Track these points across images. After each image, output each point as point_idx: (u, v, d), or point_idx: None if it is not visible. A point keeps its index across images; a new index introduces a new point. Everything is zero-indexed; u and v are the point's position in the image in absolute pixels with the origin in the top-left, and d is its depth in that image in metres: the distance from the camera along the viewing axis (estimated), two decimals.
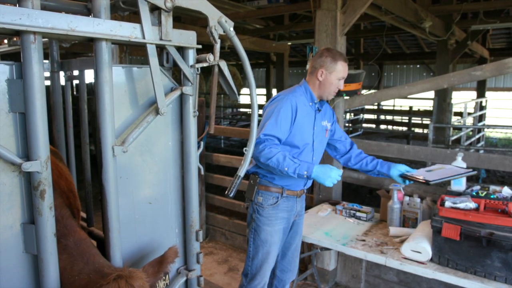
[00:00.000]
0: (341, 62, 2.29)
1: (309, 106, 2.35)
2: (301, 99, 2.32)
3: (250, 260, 2.40)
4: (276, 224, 2.34)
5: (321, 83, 2.32)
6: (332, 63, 2.28)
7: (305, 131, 2.31)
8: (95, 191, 2.15)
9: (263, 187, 2.34)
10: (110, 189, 1.49)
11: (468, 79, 3.10)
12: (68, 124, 2.11)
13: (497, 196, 2.44)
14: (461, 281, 2.18)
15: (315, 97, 2.36)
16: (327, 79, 2.30)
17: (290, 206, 2.38)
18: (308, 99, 2.35)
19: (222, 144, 10.43)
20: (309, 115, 2.34)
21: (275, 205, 2.32)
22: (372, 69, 14.75)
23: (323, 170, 2.11)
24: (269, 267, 2.39)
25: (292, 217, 2.43)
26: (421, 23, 5.57)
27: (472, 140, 9.14)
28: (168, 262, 1.53)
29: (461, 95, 13.88)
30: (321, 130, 2.43)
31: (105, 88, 1.42)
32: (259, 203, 2.35)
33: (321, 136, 2.44)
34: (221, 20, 1.65)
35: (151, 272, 1.48)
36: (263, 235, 2.34)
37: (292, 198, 2.38)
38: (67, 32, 1.25)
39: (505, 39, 11.10)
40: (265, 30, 8.39)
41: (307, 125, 2.33)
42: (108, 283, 1.26)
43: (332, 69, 2.29)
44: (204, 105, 4.15)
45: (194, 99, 1.72)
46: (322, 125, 2.44)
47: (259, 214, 2.35)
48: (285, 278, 2.59)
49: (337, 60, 2.28)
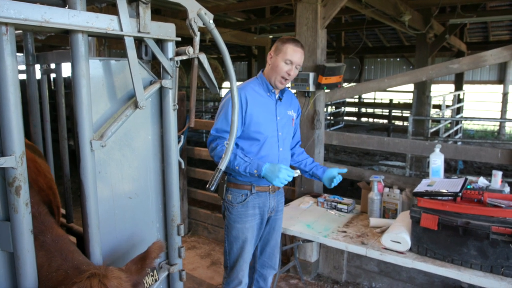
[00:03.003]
0: (289, 45, 2.21)
1: (267, 96, 2.30)
2: (256, 89, 2.28)
3: (227, 255, 2.42)
4: (246, 221, 2.32)
5: (271, 68, 2.27)
6: (280, 45, 2.23)
7: (263, 122, 2.25)
8: (75, 187, 2.11)
9: (232, 185, 2.33)
10: (89, 184, 1.46)
11: (445, 72, 3.16)
12: (45, 118, 2.06)
13: (473, 186, 2.51)
14: (439, 270, 2.23)
15: (271, 86, 2.30)
16: (274, 62, 2.24)
17: (262, 202, 2.35)
18: (265, 89, 2.31)
19: (204, 138, 10.38)
20: (267, 105, 2.29)
21: (244, 203, 2.30)
22: (353, 62, 14.88)
23: (272, 169, 2.09)
24: (245, 262, 2.38)
25: (266, 213, 2.39)
26: (401, 17, 5.63)
27: (450, 132, 9.33)
28: (152, 257, 1.48)
29: (440, 88, 14.13)
30: (286, 120, 2.38)
31: (82, 81, 1.39)
32: (228, 201, 2.34)
33: (288, 126, 2.39)
34: (200, 13, 1.63)
35: (134, 269, 1.43)
36: (234, 232, 2.34)
37: (263, 194, 2.34)
38: (41, 24, 1.22)
39: (482, 33, 11.33)
40: (246, 23, 8.35)
41: (266, 116, 2.28)
42: (80, 281, 1.22)
43: (279, 51, 2.22)
44: (185, 99, 4.11)
45: (174, 92, 1.71)
46: (288, 115, 2.39)
47: (229, 212, 2.34)
48: (265, 273, 2.59)
49: (286, 43, 2.21)
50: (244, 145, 2.28)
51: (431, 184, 2.47)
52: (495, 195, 2.34)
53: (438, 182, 2.48)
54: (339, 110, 12.76)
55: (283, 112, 2.36)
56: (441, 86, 14.21)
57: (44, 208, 1.52)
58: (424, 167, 6.93)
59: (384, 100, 14.31)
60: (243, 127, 2.25)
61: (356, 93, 3.88)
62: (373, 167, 7.58)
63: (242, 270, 2.38)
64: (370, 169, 7.04)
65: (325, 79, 3.35)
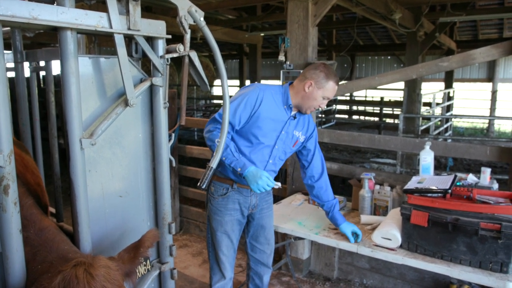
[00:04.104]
0: (332, 82, 2.23)
1: (283, 109, 2.29)
2: (275, 97, 2.27)
3: (208, 247, 2.48)
4: (225, 214, 2.33)
5: (306, 95, 2.25)
6: (323, 80, 2.21)
7: (265, 129, 2.24)
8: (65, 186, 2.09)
9: (215, 177, 2.34)
10: (79, 182, 1.45)
11: (435, 70, 3.18)
12: (34, 117, 2.04)
13: (462, 183, 2.53)
14: (429, 266, 2.26)
15: (291, 102, 2.29)
16: (313, 93, 2.23)
17: (242, 199, 2.35)
18: (283, 101, 2.29)
19: (196, 136, 10.34)
20: (279, 117, 2.28)
21: (225, 196, 2.32)
22: (344, 60, 14.92)
23: (255, 174, 2.10)
24: (224, 255, 2.39)
25: (247, 209, 2.38)
26: (391, 15, 5.66)
27: (441, 129, 9.42)
28: (146, 246, 1.43)
29: (430, 86, 14.23)
30: (289, 138, 2.36)
31: (71, 79, 1.38)
32: (211, 193, 2.37)
33: (287, 143, 2.36)
34: (191, 10, 1.62)
35: (127, 258, 1.39)
36: (214, 223, 2.37)
37: (245, 191, 2.34)
38: (29, 21, 1.21)
39: (471, 31, 11.44)
40: (238, 21, 8.33)
41: (272, 125, 2.26)
42: (66, 270, 1.17)
43: (321, 85, 2.22)
44: (176, 97, 4.10)
45: (165, 90, 1.70)
46: (293, 134, 2.37)
47: (210, 204, 2.37)
48: (259, 271, 2.60)
49: (330, 80, 2.22)
50: (238, 141, 2.27)
51: (421, 181, 2.49)
52: (484, 191, 2.37)
53: (428, 179, 2.51)
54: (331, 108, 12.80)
55: (290, 130, 2.35)
56: (431, 84, 14.32)
57: (28, 200, 1.49)
58: (415, 165, 6.99)
59: (375, 98, 14.38)
60: (245, 124, 2.23)
61: (347, 91, 3.90)
62: (364, 164, 7.63)
63: (222, 263, 2.40)
64: (361, 166, 7.08)
65: None
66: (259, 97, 2.20)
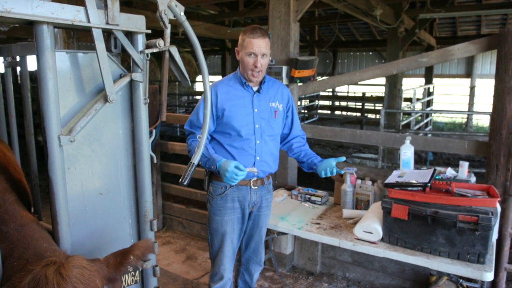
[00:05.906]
0: (247, 37, 2.18)
1: (243, 89, 2.29)
2: (231, 83, 2.30)
3: (210, 248, 2.45)
4: (225, 214, 2.32)
5: (241, 64, 2.27)
6: (241, 40, 2.23)
7: (236, 116, 2.24)
8: (44, 184, 2.05)
9: (214, 177, 2.33)
10: (58, 181, 1.43)
11: (415, 66, 3.22)
12: (10, 113, 1.99)
13: (441, 177, 2.58)
14: (409, 258, 2.30)
15: (244, 79, 2.28)
16: (241, 58, 2.24)
17: (241, 196, 2.33)
18: (238, 82, 2.31)
19: (178, 133, 10.27)
20: (242, 99, 2.28)
21: (223, 195, 2.31)
22: (326, 56, 15.01)
23: (223, 167, 2.08)
24: (225, 256, 2.38)
25: (247, 207, 2.37)
26: (372, 11, 5.72)
27: (421, 124, 9.58)
28: (136, 255, 1.35)
29: (411, 81, 14.45)
30: (267, 112, 2.33)
31: (48, 74, 1.35)
32: (210, 193, 2.36)
33: (269, 118, 2.33)
34: (171, 4, 1.60)
35: (113, 262, 1.34)
36: (214, 224, 2.35)
37: (244, 188, 2.33)
38: (2, 14, 1.17)
39: (450, 28, 11.64)
40: (220, 16, 8.27)
41: (240, 109, 2.26)
42: (35, 269, 1.13)
43: (241, 46, 2.23)
44: (157, 93, 4.05)
45: (145, 85, 1.68)
46: (270, 106, 2.34)
47: (209, 204, 2.36)
48: (251, 268, 2.60)
49: (244, 36, 2.21)
50: (219, 138, 2.29)
51: (402, 175, 2.53)
52: (462, 185, 2.42)
53: (408, 173, 2.55)
54: (313, 104, 12.87)
55: (263, 104, 2.32)
56: (412, 80, 14.54)
57: (10, 195, 1.46)
58: (396, 159, 7.09)
59: (357, 93, 14.52)
60: (216, 122, 2.26)
61: (329, 86, 3.92)
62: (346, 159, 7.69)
63: (223, 264, 2.38)
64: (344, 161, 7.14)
65: (298, 72, 3.37)
66: (212, 92, 2.21)
